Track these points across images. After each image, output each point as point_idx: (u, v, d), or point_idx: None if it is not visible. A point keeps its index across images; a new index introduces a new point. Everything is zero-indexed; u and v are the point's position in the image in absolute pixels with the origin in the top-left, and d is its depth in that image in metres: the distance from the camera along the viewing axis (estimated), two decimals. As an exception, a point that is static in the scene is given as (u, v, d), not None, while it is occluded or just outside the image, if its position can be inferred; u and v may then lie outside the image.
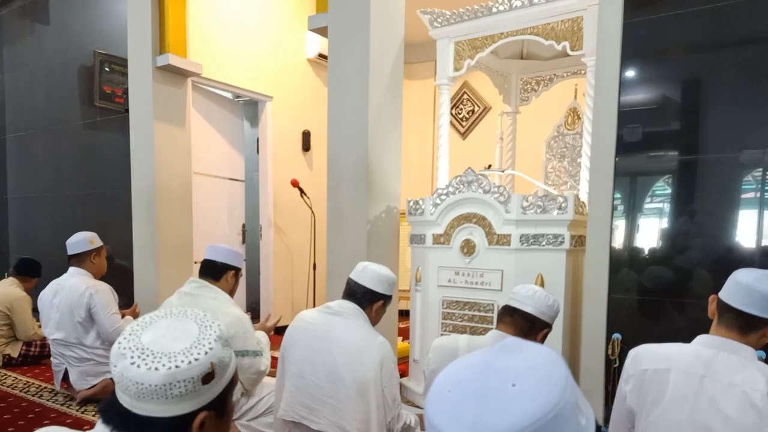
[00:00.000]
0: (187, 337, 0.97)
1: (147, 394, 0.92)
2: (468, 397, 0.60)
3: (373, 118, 3.39)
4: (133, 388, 0.92)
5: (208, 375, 0.96)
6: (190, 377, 0.94)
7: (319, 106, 4.76)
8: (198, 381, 0.95)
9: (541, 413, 0.57)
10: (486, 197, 2.99)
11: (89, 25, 5.08)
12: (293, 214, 5.27)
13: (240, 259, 2.78)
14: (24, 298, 4.21)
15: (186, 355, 0.94)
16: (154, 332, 0.97)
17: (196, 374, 0.94)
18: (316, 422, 2.08)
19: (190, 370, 0.94)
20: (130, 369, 0.92)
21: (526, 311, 1.92)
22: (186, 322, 1.01)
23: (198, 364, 0.94)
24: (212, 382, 0.98)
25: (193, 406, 0.96)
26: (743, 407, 1.39)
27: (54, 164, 5.55)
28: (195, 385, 0.94)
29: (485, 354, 0.65)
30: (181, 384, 0.93)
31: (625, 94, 2.62)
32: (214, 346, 0.98)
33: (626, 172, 2.67)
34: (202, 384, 0.95)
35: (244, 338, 2.52)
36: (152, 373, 0.92)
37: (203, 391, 0.96)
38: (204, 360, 0.95)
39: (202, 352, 0.96)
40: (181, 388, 0.93)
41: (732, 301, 1.51)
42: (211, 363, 0.97)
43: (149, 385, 0.92)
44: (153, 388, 0.92)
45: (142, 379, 0.92)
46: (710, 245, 2.50)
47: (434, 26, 3.50)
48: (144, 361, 0.93)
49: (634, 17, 2.57)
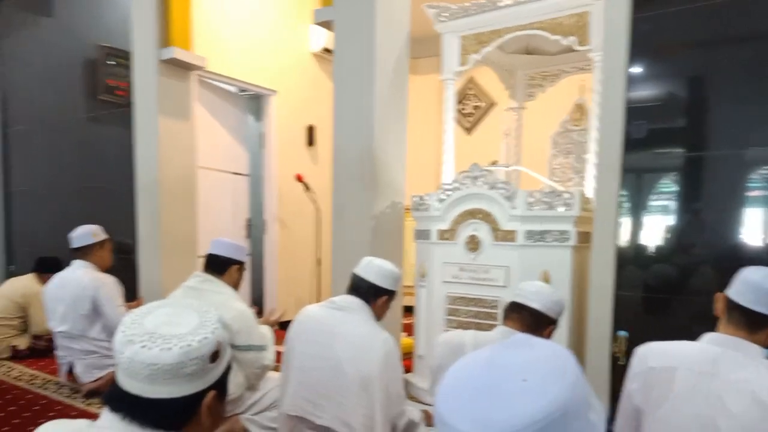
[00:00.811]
0: (189, 322, 1.00)
1: (160, 374, 0.94)
2: (478, 392, 0.60)
3: (378, 113, 3.38)
4: (145, 371, 0.94)
5: (215, 354, 1.00)
6: (201, 355, 0.97)
7: (324, 101, 4.75)
8: (207, 359, 0.98)
9: (552, 409, 0.56)
10: (491, 193, 2.98)
11: (93, 18, 5.07)
12: (297, 209, 5.26)
13: (244, 253, 2.77)
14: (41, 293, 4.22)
15: (195, 335, 0.98)
16: (156, 319, 1.00)
17: (206, 352, 0.98)
18: (320, 417, 2.08)
19: (202, 348, 0.97)
20: (142, 352, 0.94)
21: (532, 307, 1.92)
22: (184, 309, 1.04)
23: (208, 343, 0.98)
24: (218, 362, 1.02)
25: (203, 385, 0.99)
26: (750, 405, 1.39)
27: (56, 158, 5.55)
28: (205, 363, 0.98)
29: (495, 350, 0.64)
30: (194, 362, 0.96)
31: (632, 90, 2.60)
32: (219, 328, 1.02)
33: (633, 168, 2.65)
34: (210, 362, 0.99)
35: (248, 333, 2.52)
36: (166, 353, 0.94)
37: (210, 369, 1.00)
38: (212, 339, 0.99)
39: (209, 331, 1.00)
40: (193, 366, 0.96)
41: (740, 299, 1.50)
42: (218, 342, 1.01)
43: (164, 364, 0.94)
44: (167, 368, 0.94)
45: (156, 360, 0.94)
46: (716, 242, 2.49)
47: (440, 20, 3.48)
48: (155, 343, 0.95)
49: (641, 12, 2.55)
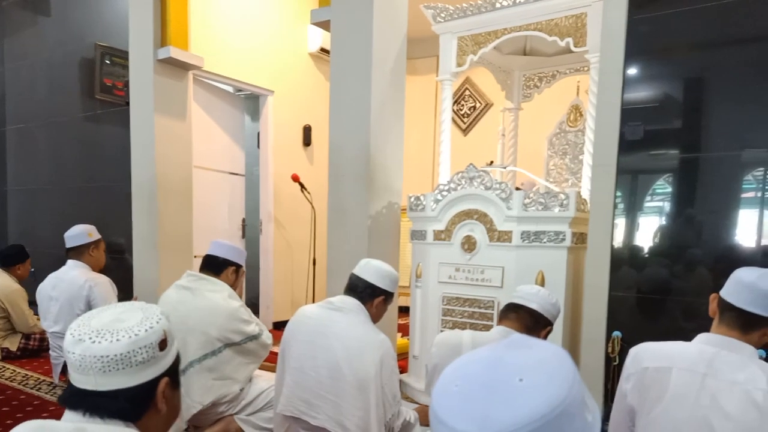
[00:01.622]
0: (134, 316, 1.06)
1: (112, 365, 0.99)
2: (475, 391, 0.60)
3: (375, 113, 3.38)
4: (97, 365, 0.98)
5: (163, 341, 1.06)
6: (150, 343, 1.02)
7: (321, 101, 4.75)
8: (156, 347, 1.04)
9: (548, 408, 0.57)
10: (487, 194, 2.99)
11: (90, 17, 5.05)
12: (293, 209, 5.25)
13: (242, 257, 2.75)
14: (18, 291, 4.18)
15: (141, 325, 1.03)
16: (101, 319, 1.05)
17: (154, 340, 1.03)
18: (315, 417, 2.08)
19: (149, 337, 1.03)
20: (92, 347, 0.99)
21: (531, 307, 1.93)
22: (127, 309, 1.09)
23: (154, 331, 1.04)
24: (166, 350, 1.07)
25: (155, 373, 1.05)
26: (744, 405, 1.39)
27: (54, 157, 5.54)
28: (154, 351, 1.03)
29: (492, 349, 0.64)
30: (143, 350, 1.01)
31: (629, 91, 2.61)
32: (163, 318, 1.08)
33: (628, 169, 2.66)
34: (159, 350, 1.05)
35: (242, 328, 2.52)
36: (115, 344, 0.99)
37: (161, 357, 1.05)
38: (158, 328, 1.05)
39: (154, 321, 1.05)
40: (143, 354, 1.01)
41: (733, 300, 1.51)
42: (164, 330, 1.06)
43: (114, 355, 0.99)
44: (118, 358, 0.99)
45: (106, 352, 0.99)
46: (711, 244, 2.50)
47: (437, 21, 3.49)
48: (104, 338, 1.00)
49: (638, 14, 2.56)
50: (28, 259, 4.38)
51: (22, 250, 4.39)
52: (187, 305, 2.49)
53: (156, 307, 1.10)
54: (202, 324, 2.45)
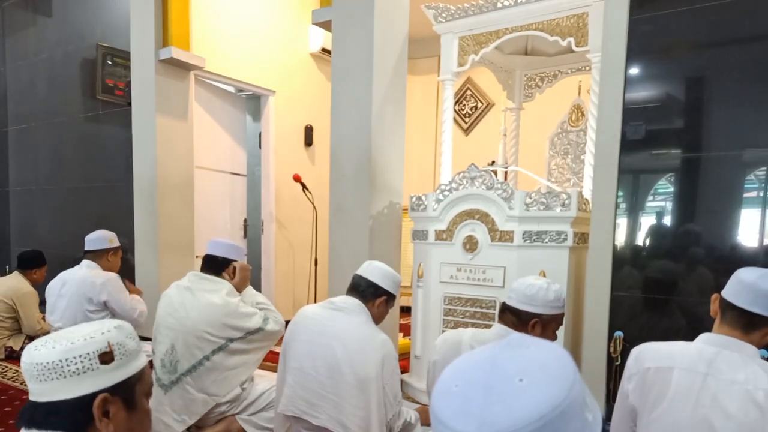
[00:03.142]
0: (89, 328, 1.02)
1: (45, 374, 0.95)
2: (475, 392, 0.59)
3: (376, 113, 3.38)
4: (34, 371, 0.96)
5: (105, 354, 0.99)
6: (86, 353, 0.97)
7: (322, 101, 4.75)
8: (95, 358, 0.97)
9: (548, 408, 0.56)
10: (489, 193, 2.98)
11: (92, 18, 5.06)
12: (295, 210, 5.26)
13: (241, 253, 2.77)
14: (31, 294, 4.21)
15: (84, 336, 0.99)
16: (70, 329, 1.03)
17: (92, 350, 0.97)
18: (316, 417, 2.08)
19: (86, 347, 0.97)
20: (32, 354, 0.97)
21: (510, 305, 1.93)
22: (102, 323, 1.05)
23: (93, 342, 0.98)
24: (113, 364, 1.00)
25: (93, 387, 0.98)
26: (746, 405, 1.39)
27: (55, 157, 5.55)
28: (92, 362, 0.97)
29: (492, 349, 0.64)
30: (77, 360, 0.96)
31: (630, 90, 2.61)
32: (113, 331, 1.02)
33: (630, 169, 2.66)
34: (101, 363, 0.98)
35: (241, 324, 2.52)
36: (49, 351, 0.96)
37: (103, 371, 0.98)
38: (100, 339, 0.99)
39: (99, 333, 1.00)
40: (77, 365, 0.96)
41: (735, 300, 1.51)
42: (108, 343, 0.99)
43: (47, 362, 0.95)
44: (50, 365, 0.95)
45: (40, 359, 0.96)
46: (713, 243, 2.49)
47: (438, 21, 3.49)
48: (45, 345, 0.97)
49: (640, 13, 2.56)
50: (44, 266, 4.41)
51: (40, 255, 4.42)
52: (187, 306, 2.50)
53: (115, 321, 1.05)
54: (202, 324, 2.46)
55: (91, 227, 3.83)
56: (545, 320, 1.95)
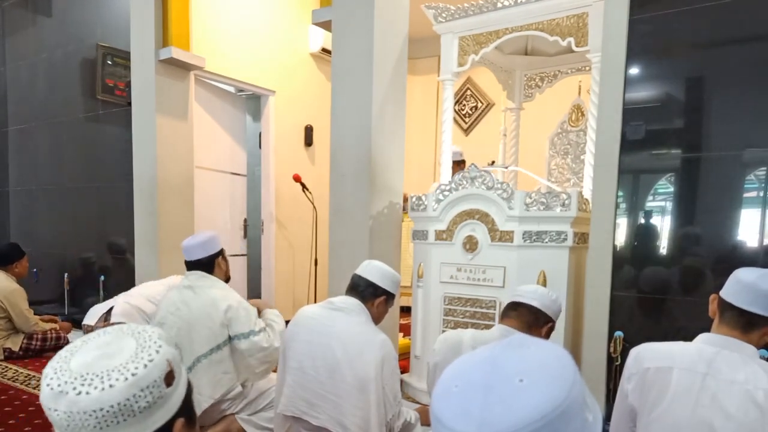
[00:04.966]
0: (125, 347, 0.83)
1: (110, 419, 0.77)
2: (475, 392, 0.59)
3: (376, 113, 3.38)
4: (91, 422, 0.77)
5: (169, 374, 0.83)
6: (153, 381, 0.80)
7: (322, 101, 4.75)
8: (161, 384, 0.82)
9: (549, 409, 0.56)
10: (489, 193, 2.98)
11: (92, 18, 5.06)
12: (295, 209, 5.26)
13: (217, 241, 2.66)
14: (17, 291, 4.20)
15: (136, 360, 0.80)
16: (85, 356, 0.81)
17: (158, 376, 0.81)
18: (316, 417, 2.08)
19: (150, 374, 0.80)
20: (80, 400, 0.76)
21: (530, 304, 1.95)
22: (115, 336, 0.86)
23: (155, 365, 0.81)
24: (174, 383, 0.85)
25: (166, 416, 0.83)
26: (745, 405, 1.39)
27: (55, 157, 5.54)
28: (160, 389, 0.81)
29: (492, 349, 0.64)
30: (146, 392, 0.80)
31: (630, 90, 2.61)
32: (161, 343, 0.85)
33: (630, 169, 2.66)
34: (167, 387, 0.83)
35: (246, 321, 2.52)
36: (108, 391, 0.77)
37: (169, 395, 0.83)
38: (159, 359, 0.82)
39: (153, 351, 0.82)
40: (147, 398, 0.80)
41: (733, 300, 1.51)
42: (167, 360, 0.84)
43: (110, 406, 0.77)
44: (116, 409, 0.77)
45: (99, 404, 0.76)
46: (713, 243, 2.49)
47: (438, 21, 3.49)
48: (91, 385, 0.77)
49: (640, 13, 2.56)
50: (24, 257, 4.40)
51: (17, 248, 4.42)
52: (190, 304, 2.51)
53: (152, 330, 0.87)
54: (206, 319, 2.46)
55: (91, 227, 3.83)
56: (552, 327, 2.02)
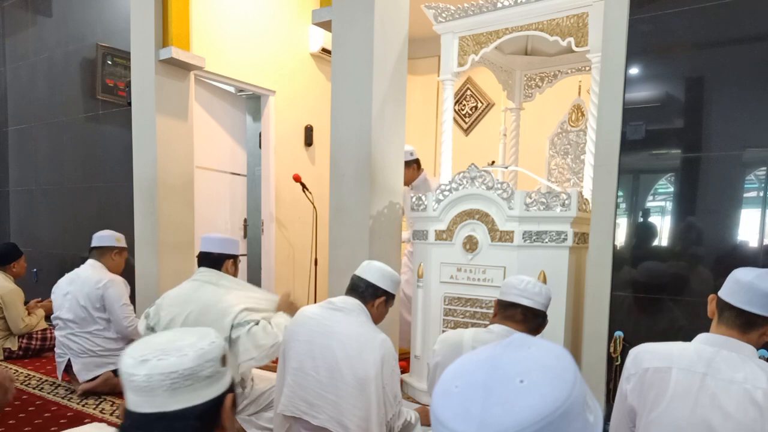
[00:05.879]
0: (189, 336, 1.04)
1: (181, 381, 0.97)
2: (475, 392, 0.59)
3: (376, 113, 3.38)
4: (167, 381, 0.96)
5: (224, 357, 1.04)
6: (215, 357, 1.01)
7: (322, 101, 4.75)
8: (219, 362, 1.02)
9: (550, 409, 0.56)
10: (489, 193, 2.98)
11: (92, 18, 5.06)
12: (295, 209, 5.26)
13: (236, 246, 2.73)
14: (15, 291, 4.20)
15: (203, 341, 1.02)
16: (160, 338, 1.05)
17: (218, 354, 1.02)
18: (316, 417, 2.08)
19: (214, 351, 1.02)
20: (159, 364, 0.97)
21: (525, 305, 1.94)
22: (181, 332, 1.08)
23: (216, 346, 1.03)
24: (227, 366, 1.05)
25: (221, 389, 1.03)
26: (744, 404, 1.39)
27: (55, 157, 5.55)
28: (218, 366, 1.02)
29: (492, 350, 0.64)
30: (210, 364, 1.00)
31: (630, 90, 2.61)
32: (215, 335, 1.07)
33: (630, 169, 2.66)
34: (222, 365, 1.03)
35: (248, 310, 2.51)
36: (183, 358, 0.98)
37: (224, 373, 1.04)
38: (219, 342, 1.04)
39: (212, 338, 1.04)
40: (210, 369, 1.00)
41: (732, 300, 1.51)
42: (222, 347, 1.05)
43: (183, 370, 0.97)
44: (188, 372, 0.97)
45: (175, 367, 0.96)
46: (713, 243, 2.50)
47: (439, 21, 3.49)
48: (169, 354, 0.98)
49: (640, 13, 2.56)
50: (22, 257, 4.40)
51: (14, 248, 4.41)
52: (194, 298, 2.52)
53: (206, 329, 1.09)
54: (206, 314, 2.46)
55: (91, 227, 3.84)
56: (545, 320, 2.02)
